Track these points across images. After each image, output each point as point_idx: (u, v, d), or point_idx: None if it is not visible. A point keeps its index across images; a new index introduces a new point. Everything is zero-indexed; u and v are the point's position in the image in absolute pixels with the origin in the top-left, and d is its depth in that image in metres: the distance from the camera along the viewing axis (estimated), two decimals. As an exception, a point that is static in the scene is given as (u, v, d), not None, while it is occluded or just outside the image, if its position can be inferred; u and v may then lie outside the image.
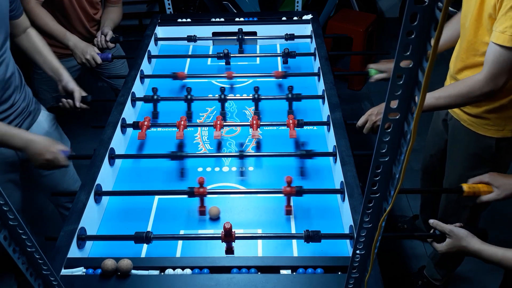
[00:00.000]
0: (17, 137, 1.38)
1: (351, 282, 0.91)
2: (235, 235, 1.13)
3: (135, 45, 2.02)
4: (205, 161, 1.50)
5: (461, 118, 1.57)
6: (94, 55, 1.96)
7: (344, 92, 3.41)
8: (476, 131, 1.53)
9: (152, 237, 1.16)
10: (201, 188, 1.26)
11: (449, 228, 1.16)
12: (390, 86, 0.60)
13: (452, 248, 1.15)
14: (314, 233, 1.14)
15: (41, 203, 2.31)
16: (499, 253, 1.08)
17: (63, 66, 1.69)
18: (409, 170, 1.65)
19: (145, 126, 1.53)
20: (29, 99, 1.61)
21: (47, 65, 1.67)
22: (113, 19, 2.15)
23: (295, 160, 1.50)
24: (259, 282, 1.03)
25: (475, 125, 1.52)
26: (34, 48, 1.64)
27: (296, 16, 2.20)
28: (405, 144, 0.64)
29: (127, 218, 1.33)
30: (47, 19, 1.89)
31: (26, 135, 1.40)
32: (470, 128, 1.54)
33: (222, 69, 1.99)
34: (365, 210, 0.75)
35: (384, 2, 4.26)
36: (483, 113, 1.48)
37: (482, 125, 1.50)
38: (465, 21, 1.41)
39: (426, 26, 0.54)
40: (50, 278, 0.90)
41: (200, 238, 1.23)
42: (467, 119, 1.54)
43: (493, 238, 1.84)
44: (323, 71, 1.77)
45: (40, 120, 1.66)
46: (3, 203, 0.74)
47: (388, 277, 1.19)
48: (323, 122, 1.60)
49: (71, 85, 1.67)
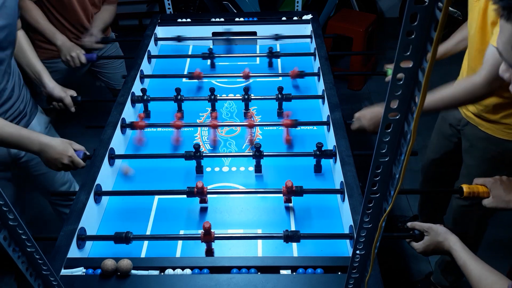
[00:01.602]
0: (34, 141, 1.35)
1: (351, 282, 0.91)
2: (214, 236, 1.14)
3: (135, 45, 2.02)
4: (205, 161, 1.50)
5: (478, 123, 1.56)
6: (79, 53, 1.96)
7: (344, 92, 3.41)
8: (495, 135, 1.52)
9: (132, 237, 1.17)
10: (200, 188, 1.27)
11: (428, 225, 1.15)
12: (390, 86, 0.60)
13: (429, 244, 1.13)
14: (293, 233, 1.14)
15: (41, 203, 2.31)
16: (461, 260, 1.05)
17: (46, 71, 1.67)
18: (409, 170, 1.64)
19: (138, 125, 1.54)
20: (27, 100, 1.61)
21: (31, 69, 1.65)
22: (105, 19, 2.15)
23: (295, 160, 1.49)
24: (259, 282, 1.03)
25: (494, 129, 1.52)
26: (18, 49, 1.61)
27: (296, 16, 2.20)
28: (405, 144, 0.64)
29: (127, 218, 1.33)
30: (38, 17, 1.89)
31: (42, 139, 1.37)
32: (488, 133, 1.54)
33: (223, 69, 1.99)
34: (365, 210, 0.75)
35: (384, 2, 4.26)
36: (501, 119, 1.48)
37: (501, 129, 1.50)
38: (470, 29, 1.42)
39: (426, 26, 0.54)
40: (50, 278, 0.90)
41: (180, 238, 1.23)
42: (485, 123, 1.54)
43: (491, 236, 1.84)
44: (323, 71, 1.77)
45: (34, 124, 1.65)
46: (3, 203, 0.74)
47: (388, 277, 1.19)
48: (323, 122, 1.60)
49: (56, 92, 1.67)
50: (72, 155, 1.38)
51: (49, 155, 1.36)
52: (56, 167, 1.39)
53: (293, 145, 1.58)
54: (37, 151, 1.37)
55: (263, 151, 1.41)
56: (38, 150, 1.37)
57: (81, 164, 1.40)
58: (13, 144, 1.36)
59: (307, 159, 1.44)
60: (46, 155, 1.36)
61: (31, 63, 1.65)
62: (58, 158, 1.37)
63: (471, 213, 1.74)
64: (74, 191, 1.30)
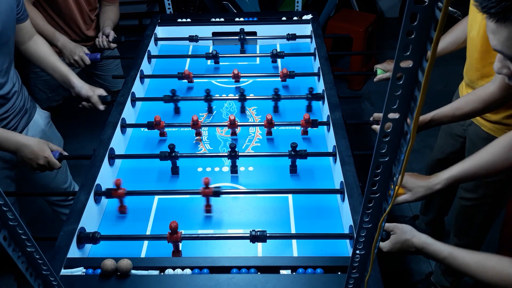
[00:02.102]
0: (10, 140, 1.37)
1: (351, 282, 0.91)
2: (181, 236, 1.15)
3: (135, 45, 2.02)
4: (205, 161, 1.50)
5: (481, 124, 1.57)
6: (83, 56, 1.95)
7: (344, 92, 3.41)
8: (496, 135, 1.52)
9: (99, 237, 1.17)
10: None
11: (394, 224, 1.15)
12: (390, 86, 0.60)
13: (396, 243, 1.12)
14: (261, 233, 1.14)
15: (41, 204, 2.31)
16: (445, 251, 1.04)
17: (72, 72, 1.69)
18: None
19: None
20: (25, 98, 1.61)
21: (57, 73, 1.66)
22: (112, 18, 2.14)
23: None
24: (259, 282, 1.03)
25: (496, 130, 1.53)
26: (42, 56, 1.63)
27: (296, 16, 2.20)
28: (405, 144, 0.64)
29: (127, 218, 1.33)
30: (37, 18, 1.87)
31: (19, 139, 1.38)
32: (491, 133, 1.55)
33: (223, 69, 1.99)
34: (365, 210, 0.75)
35: (384, 2, 4.26)
36: (503, 119, 1.49)
37: (503, 129, 1.51)
38: (471, 30, 1.41)
39: (426, 26, 0.54)
40: (50, 278, 0.90)
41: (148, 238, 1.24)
42: (487, 124, 1.55)
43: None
44: (323, 71, 1.77)
45: (36, 118, 1.66)
46: (3, 203, 0.74)
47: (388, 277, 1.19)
48: (323, 122, 1.60)
49: (84, 91, 1.67)
50: (48, 155, 1.38)
51: (25, 155, 1.37)
52: (31, 167, 1.40)
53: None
54: (13, 150, 1.38)
55: (238, 151, 1.40)
56: (14, 149, 1.37)
57: (57, 165, 1.40)
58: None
59: (308, 159, 1.44)
60: (22, 154, 1.37)
61: (56, 66, 1.66)
62: (34, 158, 1.37)
63: (474, 213, 1.75)
64: (74, 191, 1.30)
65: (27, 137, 1.42)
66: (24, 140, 1.38)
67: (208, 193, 1.28)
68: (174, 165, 1.44)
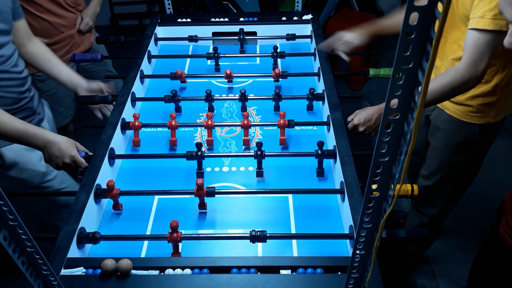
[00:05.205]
0: (39, 136, 1.36)
1: (351, 282, 0.91)
2: (181, 236, 1.15)
3: (135, 45, 2.02)
4: (205, 161, 1.50)
5: (445, 107, 1.59)
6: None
7: (344, 92, 3.41)
8: (460, 118, 1.56)
9: (99, 237, 1.17)
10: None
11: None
12: (390, 86, 0.60)
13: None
14: (261, 233, 1.14)
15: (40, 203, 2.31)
16: None
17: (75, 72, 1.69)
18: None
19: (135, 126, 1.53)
20: (37, 99, 1.62)
21: (63, 70, 1.65)
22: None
23: (295, 160, 1.49)
24: (259, 282, 1.03)
25: (459, 113, 1.55)
26: (45, 56, 1.62)
27: (296, 16, 2.20)
28: (405, 144, 0.64)
29: (127, 218, 1.33)
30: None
31: (47, 135, 1.38)
32: (454, 116, 1.57)
33: (223, 69, 1.99)
34: (365, 210, 0.75)
35: (384, 2, 4.26)
36: (466, 100, 1.50)
37: (466, 112, 1.53)
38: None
39: (426, 26, 0.54)
40: (50, 278, 0.90)
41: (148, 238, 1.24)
42: (450, 107, 1.57)
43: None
44: (323, 71, 1.77)
45: (44, 123, 1.66)
46: (3, 203, 0.74)
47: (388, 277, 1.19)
48: (323, 122, 1.60)
49: (94, 84, 1.67)
50: (75, 154, 1.38)
51: (52, 152, 1.37)
52: (57, 165, 1.39)
53: (294, 145, 1.58)
54: (41, 147, 1.38)
55: (264, 151, 1.39)
56: (42, 146, 1.37)
57: (84, 164, 1.40)
58: (18, 139, 1.37)
59: (308, 159, 1.44)
60: (50, 151, 1.37)
61: (61, 64, 1.66)
62: (60, 156, 1.37)
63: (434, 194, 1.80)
64: (74, 191, 1.30)
65: (55, 134, 1.41)
66: (52, 137, 1.38)
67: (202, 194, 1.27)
68: (200, 165, 1.42)
